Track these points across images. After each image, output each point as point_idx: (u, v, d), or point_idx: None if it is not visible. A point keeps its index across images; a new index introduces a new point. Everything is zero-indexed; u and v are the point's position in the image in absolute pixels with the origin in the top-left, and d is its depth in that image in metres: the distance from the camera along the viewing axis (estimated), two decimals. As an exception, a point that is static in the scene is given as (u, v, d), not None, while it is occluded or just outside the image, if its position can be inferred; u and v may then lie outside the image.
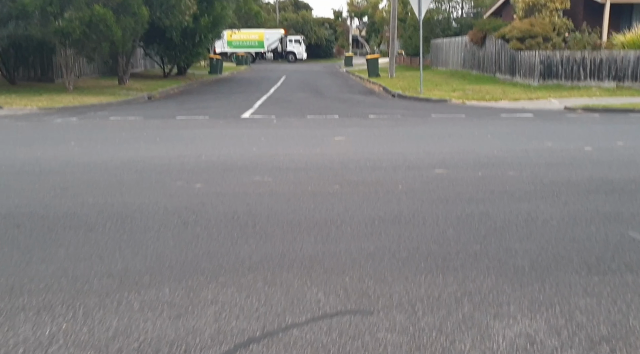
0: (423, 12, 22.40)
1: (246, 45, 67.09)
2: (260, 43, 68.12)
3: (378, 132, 12.53)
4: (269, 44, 68.53)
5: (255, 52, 67.74)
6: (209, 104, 19.70)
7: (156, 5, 24.35)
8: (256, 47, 68.02)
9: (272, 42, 68.70)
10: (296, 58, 69.46)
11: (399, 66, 48.73)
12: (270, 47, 68.96)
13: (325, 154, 9.63)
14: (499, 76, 28.57)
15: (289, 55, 69.75)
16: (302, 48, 69.84)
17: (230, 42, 65.85)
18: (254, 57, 67.47)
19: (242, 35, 65.86)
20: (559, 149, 9.98)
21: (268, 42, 68.33)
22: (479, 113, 16.54)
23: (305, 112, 17.04)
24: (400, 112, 17.10)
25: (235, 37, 65.43)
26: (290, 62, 67.40)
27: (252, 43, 67.64)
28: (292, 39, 69.88)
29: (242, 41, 66.60)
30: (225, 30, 60.64)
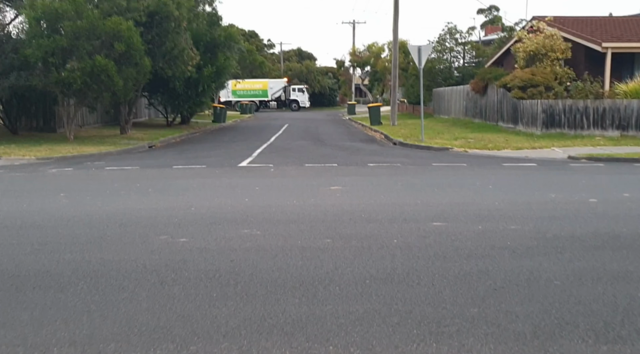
0: (423, 61, 22.34)
1: (250, 94, 67.55)
2: (264, 92, 68.56)
3: (376, 181, 12.18)
4: (273, 92, 68.91)
5: (259, 101, 68.12)
6: (208, 153, 19.47)
7: (159, 56, 24.37)
8: (260, 96, 68.44)
9: (275, 91, 69.07)
10: (299, 106, 69.59)
11: (401, 114, 48.77)
12: (273, 96, 69.28)
13: (320, 205, 9.26)
14: (501, 125, 28.37)
15: (292, 103, 69.93)
16: (305, 96, 70.15)
17: (235, 91, 66.31)
18: (258, 105, 67.80)
19: (246, 84, 66.35)
20: (562, 201, 9.59)
21: (272, 91, 68.74)
22: (481, 162, 16.21)
23: (304, 160, 16.75)
24: (400, 160, 16.79)
25: (240, 87, 65.91)
26: (294, 111, 67.62)
27: (256, 92, 68.10)
28: (296, 87, 70.23)
29: (246, 90, 67.07)
30: (229, 80, 61.10)
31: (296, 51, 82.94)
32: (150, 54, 24.06)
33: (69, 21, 20.26)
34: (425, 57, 22.49)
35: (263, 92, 68.41)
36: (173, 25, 23.67)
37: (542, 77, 25.32)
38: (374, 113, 35.14)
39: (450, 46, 43.46)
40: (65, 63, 20.62)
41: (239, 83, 66.01)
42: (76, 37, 20.56)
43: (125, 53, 21.56)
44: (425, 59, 22.53)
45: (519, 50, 28.12)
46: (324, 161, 16.51)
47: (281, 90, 69.46)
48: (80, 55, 20.73)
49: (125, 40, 21.37)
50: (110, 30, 21.02)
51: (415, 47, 22.45)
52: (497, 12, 72.13)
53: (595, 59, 26.06)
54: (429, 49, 22.61)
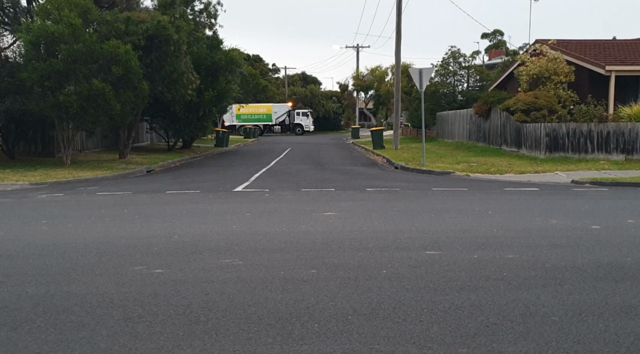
0: (424, 84, 22.04)
1: (254, 118, 67.49)
2: (268, 116, 68.47)
3: (372, 207, 11.77)
4: (277, 117, 68.82)
5: (263, 125, 68.02)
6: (205, 177, 19.12)
7: (158, 80, 24.17)
8: (264, 120, 68.36)
9: (279, 115, 68.98)
10: (304, 130, 69.44)
11: (405, 138, 48.40)
12: (278, 120, 69.17)
13: (310, 232, 8.84)
14: (504, 148, 27.97)
15: (296, 127, 69.83)
16: (309, 121, 70.04)
17: (239, 116, 66.30)
18: (262, 130, 67.70)
19: (250, 108, 66.35)
20: (564, 228, 9.15)
21: (276, 115, 68.66)
22: (482, 187, 15.79)
23: (301, 184, 16.37)
24: (400, 184, 16.39)
25: (244, 111, 65.90)
26: (298, 135, 67.44)
27: (260, 116, 68.05)
28: (300, 111, 70.18)
29: (250, 114, 67.06)
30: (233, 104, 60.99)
31: (300, 75, 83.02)
32: (150, 78, 23.87)
33: (65, 44, 20.07)
34: (426, 80, 22.19)
35: (267, 116, 68.40)
36: (172, 49, 23.48)
37: (545, 100, 24.97)
38: (376, 137, 34.82)
39: (454, 70, 43.24)
40: (62, 87, 20.37)
41: (243, 107, 66.03)
42: (73, 61, 20.39)
43: (123, 77, 21.34)
44: (426, 82, 22.23)
45: (522, 73, 27.83)
46: (321, 186, 16.12)
47: (285, 115, 69.41)
48: (77, 79, 20.53)
49: (123, 63, 21.18)
50: (107, 53, 20.84)
51: (416, 70, 22.17)
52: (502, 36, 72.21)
53: (599, 82, 25.73)
54: (431, 72, 22.33)
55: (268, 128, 69.08)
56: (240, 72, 34.09)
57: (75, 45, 20.15)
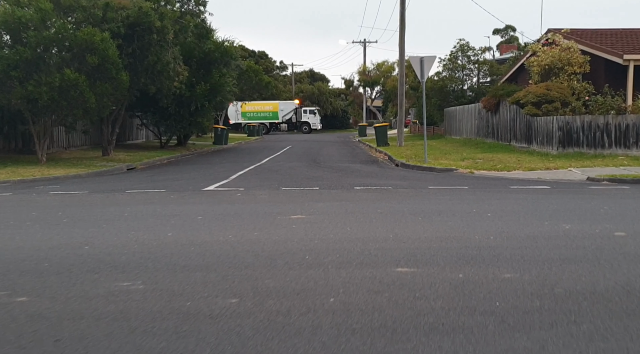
0: (426, 74, 20.16)
1: (260, 116, 65.63)
2: (274, 114, 66.50)
3: (352, 208, 9.92)
4: (284, 114, 66.75)
5: (269, 123, 66.17)
6: (184, 175, 17.37)
7: (141, 71, 22.42)
8: (270, 118, 66.39)
9: (286, 113, 66.92)
10: (311, 129, 67.27)
11: (412, 135, 46.46)
12: (284, 118, 67.08)
13: (259, 241, 7.03)
14: (514, 144, 26.01)
15: (303, 126, 67.68)
16: (316, 119, 67.81)
17: (245, 113, 64.55)
18: (269, 128, 65.88)
19: (256, 106, 64.56)
20: (579, 234, 7.26)
21: (282, 113, 66.61)
22: (485, 185, 13.91)
23: (284, 183, 14.55)
24: (394, 183, 14.54)
25: (249, 108, 64.15)
26: (305, 133, 65.43)
27: (266, 114, 66.11)
28: (307, 109, 68.00)
29: (256, 112, 65.24)
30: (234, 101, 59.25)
31: (308, 73, 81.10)
32: (132, 69, 22.15)
33: (34, 31, 18.37)
34: (428, 70, 20.29)
35: (273, 114, 66.45)
36: (156, 38, 21.73)
37: (558, 92, 23.00)
38: (380, 134, 32.95)
39: (463, 64, 41.22)
40: (31, 77, 18.65)
41: (249, 105, 64.32)
42: (43, 49, 18.69)
43: (100, 66, 19.61)
44: (428, 72, 20.33)
45: (533, 64, 25.86)
46: (307, 184, 14.30)
47: (292, 112, 67.43)
48: (48, 69, 18.81)
49: (100, 52, 19.45)
50: (82, 41, 19.10)
51: (417, 58, 20.28)
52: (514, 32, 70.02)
53: (616, 73, 23.69)
54: (433, 61, 20.43)
55: (274, 127, 67.10)
56: (236, 65, 32.29)
57: (45, 32, 18.45)
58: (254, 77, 47.47)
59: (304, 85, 73.63)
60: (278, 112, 66.53)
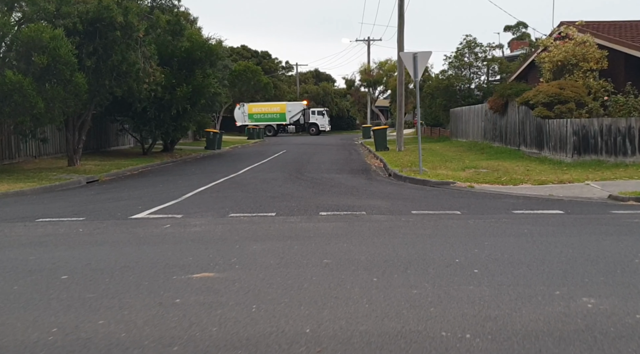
0: (420, 72, 17.40)
1: (267, 118, 62.89)
2: (282, 115, 63.60)
3: (293, 254, 7.18)
4: (291, 116, 63.80)
5: (276, 125, 63.40)
6: (133, 193, 14.75)
7: (104, 72, 19.84)
8: (278, 120, 63.51)
9: (294, 115, 63.95)
10: (319, 130, 64.20)
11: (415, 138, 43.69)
12: (292, 120, 64.13)
13: (88, 343, 4.34)
14: (524, 149, 23.16)
15: (311, 127, 64.67)
16: (325, 120, 64.60)
17: (251, 115, 61.95)
18: (276, 130, 63.17)
19: (263, 107, 62.01)
20: (611, 328, 4.49)
21: (290, 114, 63.67)
22: (484, 208, 11.16)
23: (240, 206, 11.85)
24: (374, 204, 11.83)
25: (256, 110, 61.63)
26: (312, 135, 62.46)
27: (273, 115, 63.30)
28: (315, 110, 64.92)
29: (263, 114, 62.54)
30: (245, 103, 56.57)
31: (313, 73, 78.28)
32: (95, 70, 19.62)
33: (-34, 28, 15.90)
34: (422, 67, 17.52)
35: (281, 115, 63.58)
36: (119, 35, 19.13)
37: (572, 91, 20.13)
38: (379, 138, 30.19)
39: (470, 61, 38.33)
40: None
41: (255, 106, 61.74)
42: (-20, 48, 16.21)
43: (50, 68, 17.08)
44: (422, 69, 17.56)
45: (544, 60, 22.99)
46: (266, 207, 11.60)
47: (300, 114, 64.46)
48: (-14, 71, 16.33)
49: (50, 51, 16.90)
50: (27, 39, 16.57)
51: (409, 54, 17.51)
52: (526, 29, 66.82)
53: (638, 69, 20.78)
54: (427, 57, 17.66)
55: (282, 128, 64.22)
56: (224, 65, 29.65)
57: (-20, 28, 15.97)
58: (252, 78, 44.90)
59: (308, 86, 70.84)
60: (285, 113, 63.66)
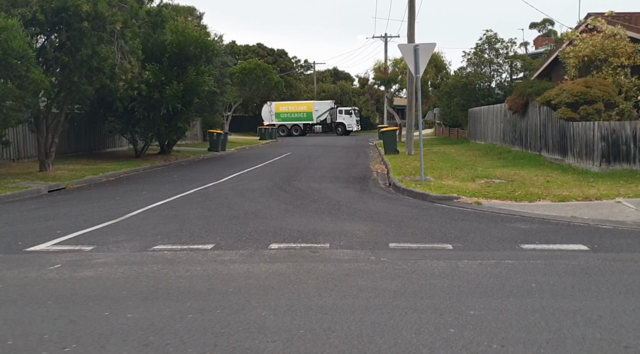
0: (422, 67, 14.78)
1: (294, 117, 60.20)
2: (308, 115, 60.50)
3: (159, 338, 4.77)
4: (318, 115, 60.56)
5: (303, 124, 60.43)
6: (77, 209, 12.38)
7: (73, 68, 17.59)
8: (304, 119, 60.50)
9: (321, 114, 60.68)
10: (346, 130, 60.16)
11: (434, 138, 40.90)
12: (319, 119, 60.85)
13: None
14: (545, 155, 20.39)
15: (337, 127, 60.78)
16: (352, 119, 60.23)
17: (278, 114, 59.52)
18: (303, 129, 60.27)
19: (290, 106, 59.65)
20: None
21: (317, 113, 60.46)
22: (485, 237, 8.58)
23: (184, 230, 9.41)
24: (350, 228, 9.32)
25: (283, 109, 59.30)
26: (339, 135, 58.52)
27: (300, 115, 60.35)
28: (342, 109, 61.01)
29: (289, 113, 59.84)
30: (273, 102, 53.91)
31: (332, 71, 75.70)
32: (62, 65, 17.38)
33: None
34: (424, 61, 14.92)
35: (307, 114, 60.50)
36: (87, 26, 16.83)
37: (600, 89, 17.35)
38: (388, 140, 27.58)
39: (490, 58, 35.46)
40: None
41: (282, 105, 59.46)
42: None
43: (1, 62, 14.86)
44: (424, 63, 14.96)
45: (568, 55, 20.19)
46: (209, 234, 9.15)
47: (327, 113, 61.05)
48: None
49: (0, 44, 14.69)
50: (-30, 30, 14.37)
51: (409, 46, 14.90)
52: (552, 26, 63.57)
53: (677, 64, 17.94)
54: (430, 50, 15.06)
55: (309, 128, 60.95)
56: (223, 62, 27.24)
57: None
58: (263, 76, 42.54)
59: (325, 85, 68.25)
60: (312, 113, 60.45)
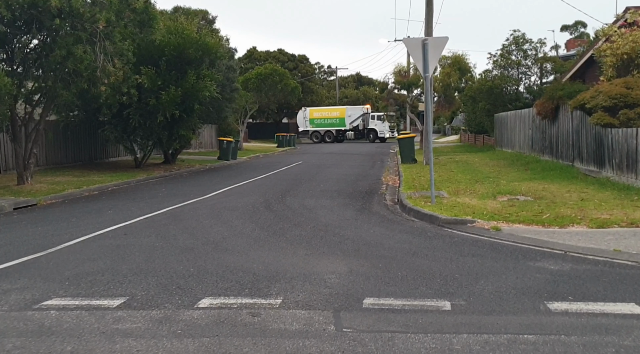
0: (431, 66, 12.47)
1: (327, 123, 57.65)
2: (341, 120, 57.49)
3: None
4: (351, 121, 57.43)
5: (335, 131, 57.70)
6: (9, 236, 10.41)
7: (47, 70, 15.69)
8: (337, 125, 57.62)
9: (354, 119, 57.51)
10: (377, 137, 56.05)
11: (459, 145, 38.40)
12: (352, 125, 57.67)
13: None
14: (578, 166, 17.89)
15: (369, 133, 56.99)
16: (385, 126, 55.29)
17: (312, 120, 57.41)
18: (335, 135, 57.59)
19: (323, 112, 57.55)
20: None
21: (350, 119, 57.36)
22: (503, 285, 6.28)
23: (100, 275, 7.33)
24: (322, 270, 7.12)
25: (317, 115, 57.24)
26: (371, 142, 54.64)
27: (333, 120, 57.57)
28: (375, 115, 56.43)
29: (323, 118, 57.43)
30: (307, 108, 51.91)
31: (354, 76, 73.48)
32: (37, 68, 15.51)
33: None
34: (435, 59, 12.63)
35: (340, 120, 57.57)
36: (59, 23, 14.90)
37: (643, 90, 14.89)
38: (405, 148, 25.24)
39: (517, 60, 32.87)
40: None
41: (316, 110, 57.57)
42: None
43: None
44: (435, 61, 12.67)
45: (605, 53, 17.72)
46: (136, 279, 7.04)
47: (360, 118, 57.78)
48: None
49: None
50: None
51: (417, 41, 12.59)
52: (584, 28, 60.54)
53: None
54: (442, 45, 12.75)
55: (342, 135, 57.93)
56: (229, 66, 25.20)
57: None
58: (279, 81, 40.52)
59: (348, 90, 66.03)
60: (345, 118, 57.38)
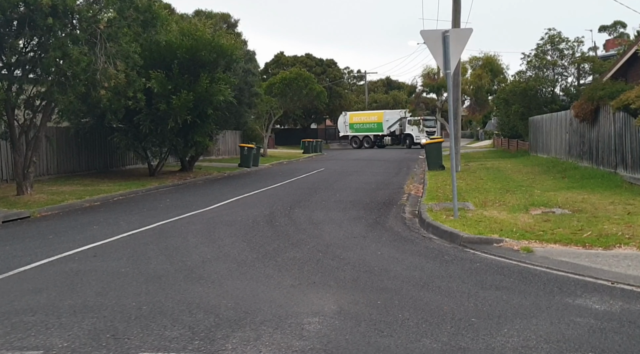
0: (453, 62, 10.94)
1: (365, 128, 56.31)
2: (379, 125, 55.77)
3: None
4: (388, 125, 55.52)
5: (373, 136, 56.05)
6: None
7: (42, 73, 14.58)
8: (375, 130, 55.97)
9: (391, 124, 55.46)
10: (413, 142, 52.83)
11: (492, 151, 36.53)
12: (389, 130, 55.67)
13: None
14: (622, 173, 16.08)
15: (405, 139, 54.20)
16: (421, 130, 52.51)
17: (352, 125, 56.43)
18: (373, 141, 55.89)
19: (362, 116, 56.53)
20: None
21: (387, 124, 55.49)
22: (532, 335, 4.72)
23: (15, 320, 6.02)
24: (307, 310, 5.67)
25: (356, 120, 56.33)
26: (407, 148, 52.06)
27: (371, 125, 56.04)
28: (412, 119, 52.80)
29: (362, 123, 56.20)
30: (347, 112, 50.73)
31: (384, 81, 71.85)
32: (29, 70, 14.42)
33: None
34: (457, 52, 11.09)
35: (378, 125, 55.91)
36: (52, 22, 13.77)
37: (697, 88, 13.09)
38: (431, 154, 23.61)
39: (553, 60, 30.95)
40: None
41: (355, 115, 56.65)
42: None
43: None
44: (457, 56, 11.13)
45: (651, 48, 15.91)
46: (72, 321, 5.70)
47: (397, 123, 55.38)
48: None
49: None
50: None
51: (437, 33, 11.04)
52: (624, 28, 58.01)
53: None
54: (465, 38, 11.19)
55: (379, 140, 55.95)
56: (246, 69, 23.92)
57: None
58: (304, 86, 39.23)
59: (377, 95, 64.43)
60: (382, 123, 55.55)
